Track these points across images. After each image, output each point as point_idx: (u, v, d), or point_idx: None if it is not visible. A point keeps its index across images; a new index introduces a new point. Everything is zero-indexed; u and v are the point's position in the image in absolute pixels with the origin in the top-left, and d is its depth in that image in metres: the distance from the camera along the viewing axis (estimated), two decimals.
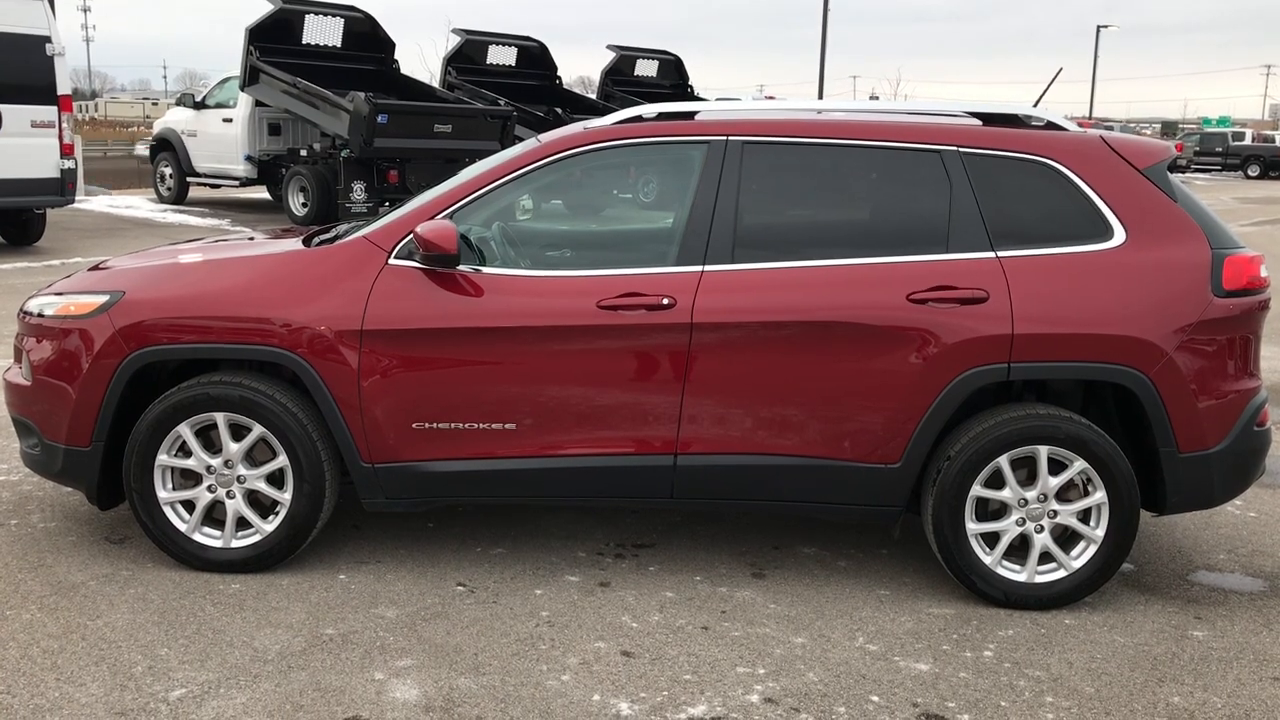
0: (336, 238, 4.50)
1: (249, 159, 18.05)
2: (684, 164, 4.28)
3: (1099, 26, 62.12)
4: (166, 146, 19.54)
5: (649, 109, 4.44)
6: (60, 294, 4.41)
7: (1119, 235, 4.08)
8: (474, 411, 4.11)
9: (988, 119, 4.41)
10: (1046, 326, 4.00)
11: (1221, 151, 45.97)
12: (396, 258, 4.14)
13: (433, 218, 4.17)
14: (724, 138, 4.22)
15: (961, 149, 4.17)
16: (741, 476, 4.16)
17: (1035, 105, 4.66)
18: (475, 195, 4.26)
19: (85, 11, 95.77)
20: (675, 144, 4.31)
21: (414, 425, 4.12)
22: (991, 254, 4.06)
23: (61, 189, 12.87)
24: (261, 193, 20.04)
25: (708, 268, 4.08)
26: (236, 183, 18.76)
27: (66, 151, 12.76)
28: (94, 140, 39.06)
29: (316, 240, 4.57)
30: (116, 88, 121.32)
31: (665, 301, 4.03)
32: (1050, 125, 4.35)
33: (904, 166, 4.20)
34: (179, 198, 19.65)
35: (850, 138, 4.23)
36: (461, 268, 4.11)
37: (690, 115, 4.40)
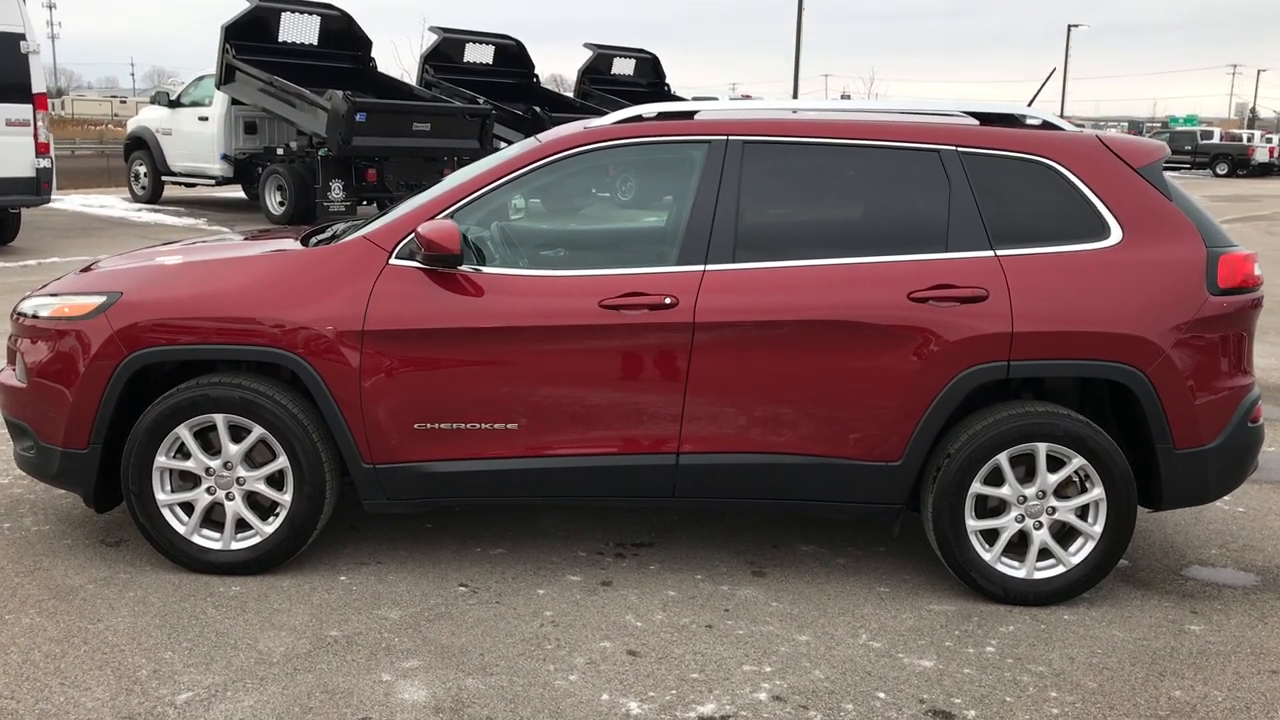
0: (335, 237, 4.48)
1: (225, 158, 17.91)
2: (685, 164, 4.29)
3: (1069, 26, 62.82)
4: (140, 145, 19.34)
5: (649, 109, 4.44)
6: (55, 295, 4.36)
7: (1116, 234, 4.12)
8: (476, 411, 4.10)
9: (985, 118, 4.44)
10: (1045, 325, 4.03)
11: (1190, 150, 46.36)
12: (398, 258, 4.13)
13: (433, 217, 4.15)
14: (724, 137, 4.23)
15: (960, 149, 4.20)
16: (743, 475, 4.17)
17: (1029, 105, 4.70)
18: (475, 195, 4.25)
19: (50, 9, 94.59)
20: (676, 144, 4.32)
21: (416, 426, 4.11)
22: (991, 253, 4.09)
23: (37, 188, 12.71)
24: (237, 192, 19.87)
25: (709, 267, 4.09)
26: (212, 182, 18.62)
27: (42, 150, 12.60)
28: (62, 139, 38.56)
29: (314, 240, 4.55)
30: (83, 85, 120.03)
31: (667, 301, 4.04)
32: (1046, 125, 4.40)
33: (903, 166, 4.22)
34: (154, 197, 19.47)
35: (850, 137, 4.25)
36: (463, 268, 4.10)
37: (690, 115, 4.41)
